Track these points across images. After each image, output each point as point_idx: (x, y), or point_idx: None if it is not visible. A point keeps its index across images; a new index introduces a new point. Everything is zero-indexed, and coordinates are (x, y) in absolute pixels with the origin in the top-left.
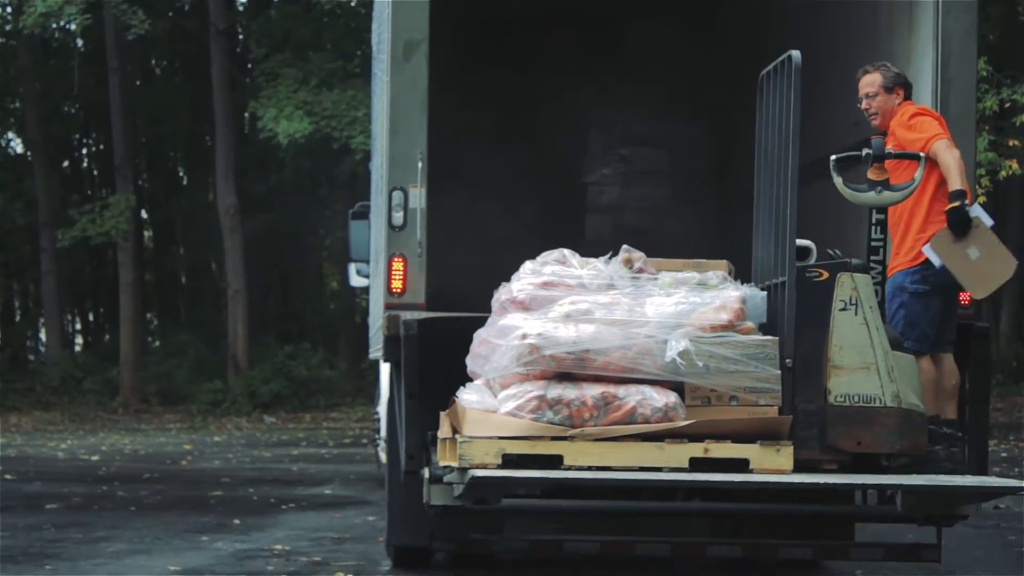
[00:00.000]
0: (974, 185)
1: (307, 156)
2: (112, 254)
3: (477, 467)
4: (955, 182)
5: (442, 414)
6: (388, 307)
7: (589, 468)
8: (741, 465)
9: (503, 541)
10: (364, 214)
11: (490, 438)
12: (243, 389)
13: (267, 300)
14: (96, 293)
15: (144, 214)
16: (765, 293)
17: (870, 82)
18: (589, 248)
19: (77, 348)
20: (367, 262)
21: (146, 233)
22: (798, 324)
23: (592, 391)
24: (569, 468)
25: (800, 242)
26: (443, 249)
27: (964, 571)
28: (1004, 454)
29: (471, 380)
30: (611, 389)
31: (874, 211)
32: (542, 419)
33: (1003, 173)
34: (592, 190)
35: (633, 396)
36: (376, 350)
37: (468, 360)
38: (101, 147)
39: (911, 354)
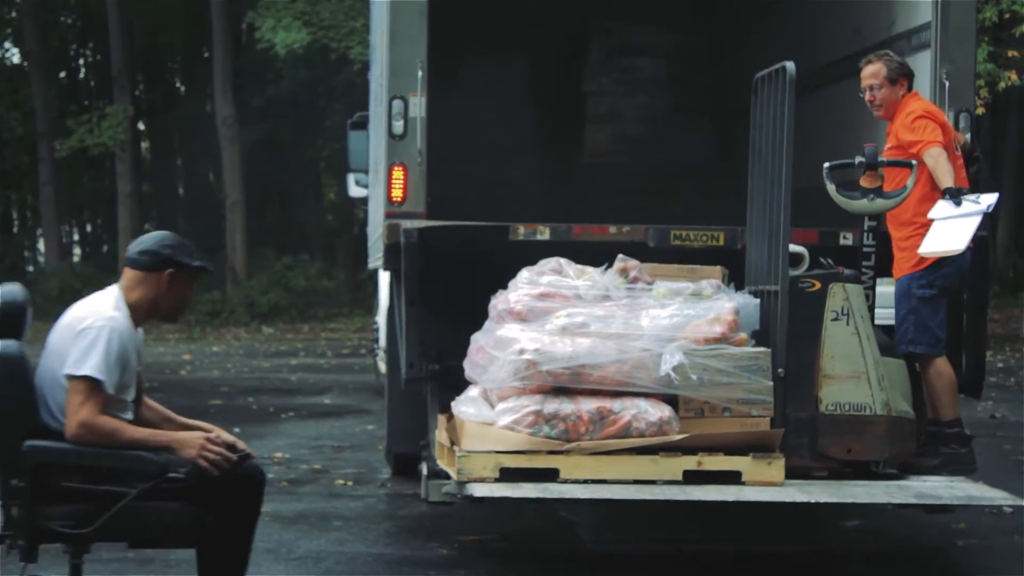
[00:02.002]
0: (973, 97)
1: (305, 67)
2: (110, 165)
3: (475, 480)
4: (946, 182)
5: (440, 418)
6: (388, 216)
7: (585, 481)
8: (733, 477)
9: None
10: (363, 124)
11: (488, 452)
12: (241, 300)
13: (265, 211)
14: (94, 204)
15: (141, 125)
16: (758, 301)
17: (873, 73)
18: (588, 160)
19: (75, 259)
20: (366, 172)
21: (143, 144)
22: (790, 334)
23: (588, 405)
24: (565, 482)
25: (793, 249)
26: (443, 158)
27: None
28: (1000, 365)
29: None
30: (607, 403)
31: (867, 218)
32: (539, 433)
33: (1002, 84)
34: (591, 100)
35: (628, 410)
36: (375, 260)
37: (466, 365)
38: (98, 58)
39: (923, 359)
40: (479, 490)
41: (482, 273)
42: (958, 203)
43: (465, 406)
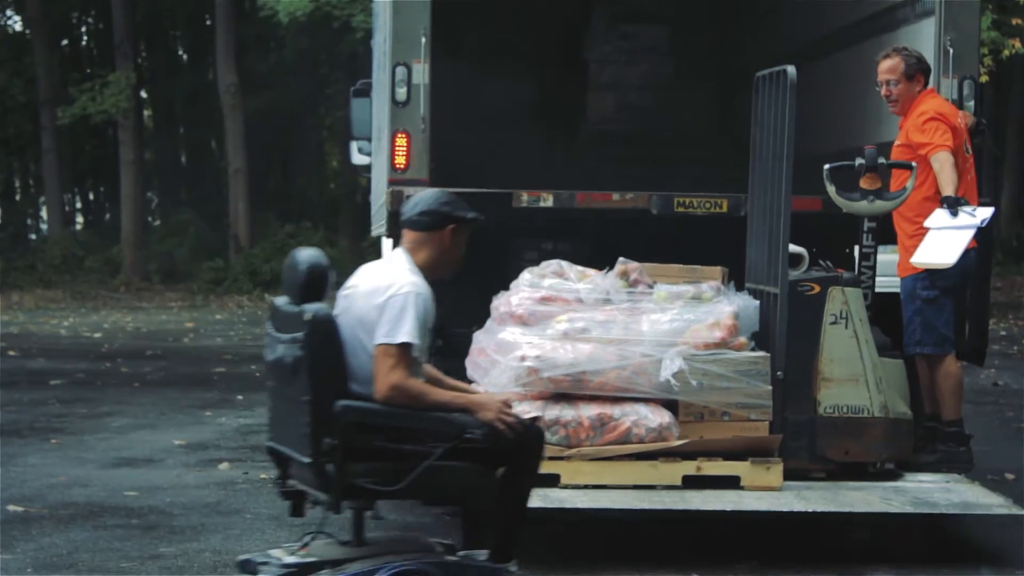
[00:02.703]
0: (977, 64)
1: (307, 34)
2: (112, 133)
3: None
4: (947, 191)
5: None
6: (391, 183)
7: (585, 487)
8: (732, 482)
9: None
10: (365, 92)
11: None
12: (244, 267)
13: (268, 179)
14: (97, 172)
15: (144, 93)
16: (758, 303)
17: (890, 68)
18: (591, 127)
19: (78, 226)
20: (369, 140)
21: (146, 112)
22: (789, 337)
23: (588, 412)
24: (566, 487)
25: (793, 249)
26: (446, 125)
27: None
28: (1003, 333)
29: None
30: (607, 409)
31: (866, 219)
32: None
33: (1006, 52)
34: (593, 67)
35: (628, 416)
36: (378, 227)
37: (468, 365)
38: (100, 25)
39: (931, 359)
40: None
41: (485, 240)
42: (954, 214)
43: None
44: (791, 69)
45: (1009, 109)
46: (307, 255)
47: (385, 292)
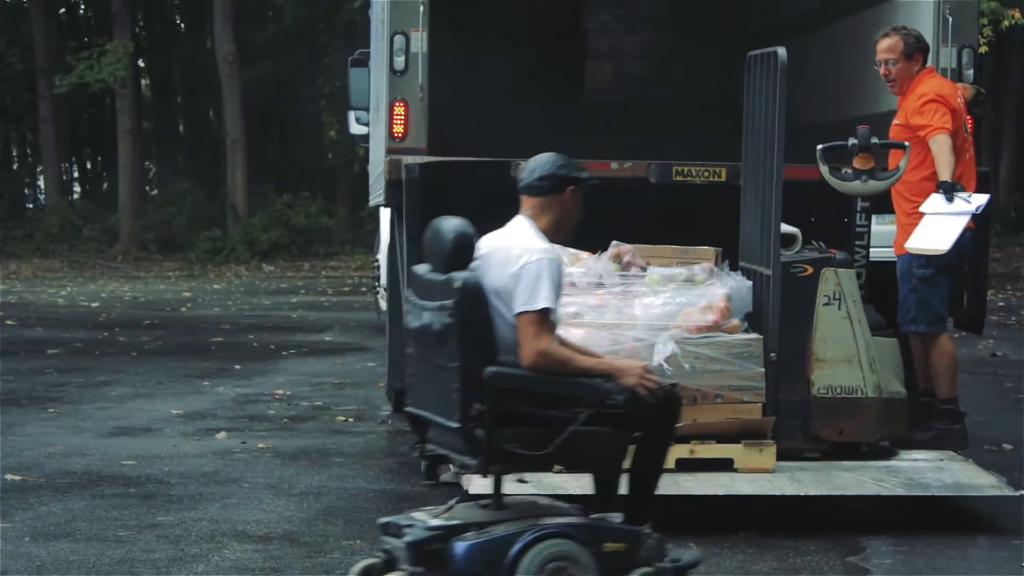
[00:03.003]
0: (976, 33)
1: (306, 3)
2: (110, 102)
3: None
4: (943, 175)
5: None
6: (389, 152)
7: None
8: (726, 465)
9: None
10: (364, 61)
11: None
12: (242, 237)
13: (265, 149)
14: (94, 141)
15: (141, 62)
16: (751, 284)
17: (889, 47)
18: (589, 96)
19: (75, 196)
20: (367, 110)
21: (144, 81)
22: (782, 318)
23: None
24: (560, 471)
25: (785, 229)
26: (444, 94)
27: None
28: (1001, 303)
29: None
30: None
31: (859, 199)
32: None
33: (1005, 22)
34: (592, 37)
35: None
36: (376, 197)
37: None
38: None
39: (926, 337)
40: (475, 486)
41: (483, 209)
42: (950, 199)
43: None
44: (781, 51)
45: (1008, 79)
46: (453, 224)
47: (518, 261)
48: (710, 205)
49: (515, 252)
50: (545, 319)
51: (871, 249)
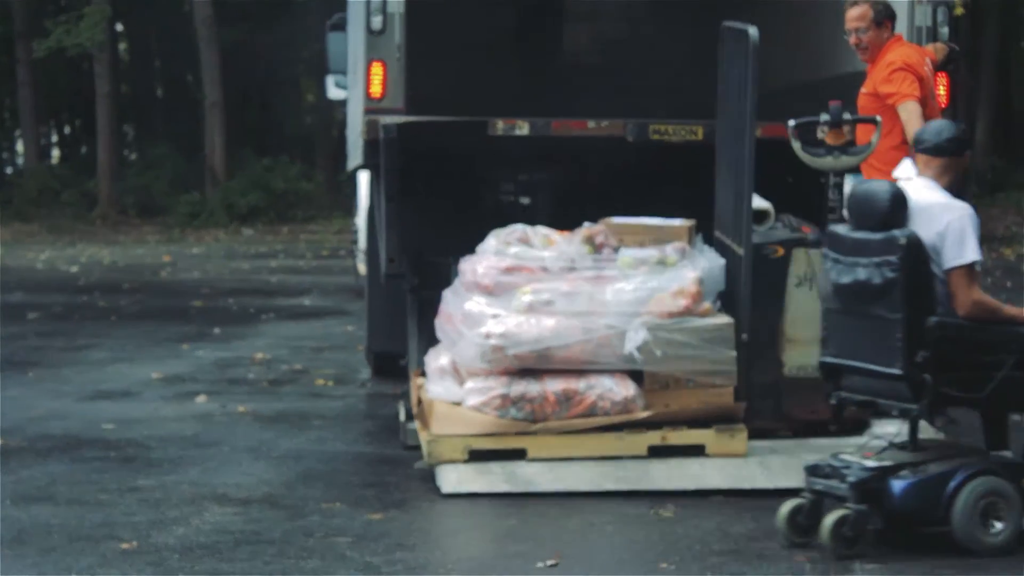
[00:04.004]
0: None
1: None
2: (88, 66)
3: (446, 463)
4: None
5: (412, 374)
6: (367, 112)
7: (551, 460)
8: (697, 451)
9: None
10: (342, 25)
11: (456, 436)
12: (221, 201)
13: (244, 112)
14: (72, 105)
15: (119, 26)
16: (724, 262)
17: (860, 16)
18: (567, 57)
19: (54, 160)
20: (344, 74)
21: (121, 45)
22: (754, 299)
23: (554, 386)
24: (533, 460)
25: (758, 204)
26: (422, 55)
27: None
28: None
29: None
30: (572, 384)
31: (832, 174)
32: (506, 415)
33: None
34: None
35: (594, 389)
36: (354, 160)
37: (436, 326)
38: None
39: None
40: (447, 483)
41: (461, 169)
42: None
43: (433, 385)
44: (753, 31)
45: (984, 41)
46: (884, 186)
47: (941, 219)
48: (687, 163)
49: (936, 210)
50: (974, 270)
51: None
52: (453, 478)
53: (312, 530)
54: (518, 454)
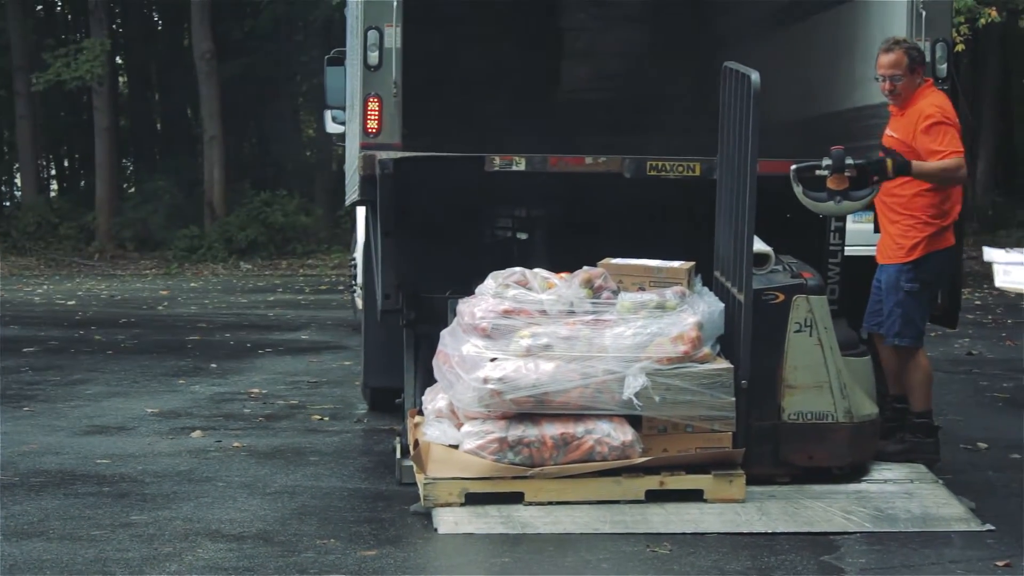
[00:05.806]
0: (950, 26)
1: (283, 1)
2: (87, 99)
3: (442, 506)
4: (921, 169)
5: (408, 413)
6: (364, 147)
7: (549, 503)
8: (696, 496)
9: None
10: (340, 60)
11: (453, 479)
12: (219, 235)
13: (243, 146)
14: (71, 139)
15: (119, 59)
16: (723, 307)
17: (894, 63)
18: (565, 95)
19: (52, 193)
20: (343, 108)
21: (121, 79)
22: (754, 345)
23: (552, 431)
24: (530, 504)
25: (759, 248)
26: (418, 90)
27: (936, 414)
28: (978, 302)
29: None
30: (570, 428)
31: (833, 219)
32: (503, 460)
33: (982, 21)
34: (568, 35)
35: (592, 434)
36: (352, 195)
37: (434, 365)
38: None
39: (904, 350)
40: (444, 525)
41: (458, 204)
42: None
43: (430, 428)
44: (755, 76)
45: (985, 78)
46: None
47: None
48: (685, 200)
49: None
50: None
51: (847, 248)
52: (450, 520)
53: (306, 567)
54: (515, 498)
